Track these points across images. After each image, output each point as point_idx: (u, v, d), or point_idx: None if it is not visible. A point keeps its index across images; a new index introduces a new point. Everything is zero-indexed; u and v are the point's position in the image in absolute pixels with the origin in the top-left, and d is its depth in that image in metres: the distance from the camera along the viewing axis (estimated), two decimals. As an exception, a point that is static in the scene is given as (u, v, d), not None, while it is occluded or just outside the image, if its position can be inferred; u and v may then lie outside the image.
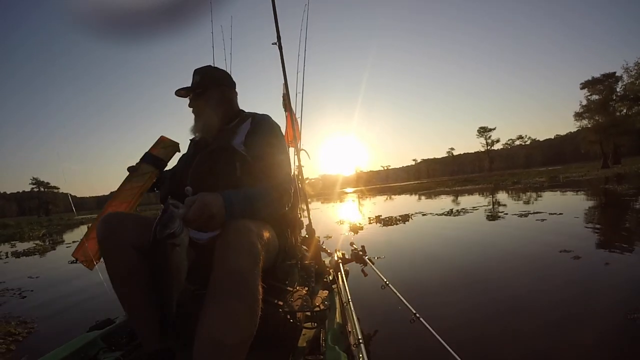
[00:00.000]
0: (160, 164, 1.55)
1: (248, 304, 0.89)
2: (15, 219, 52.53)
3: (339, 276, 2.11)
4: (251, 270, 0.90)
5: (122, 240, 1.09)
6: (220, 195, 1.00)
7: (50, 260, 6.86)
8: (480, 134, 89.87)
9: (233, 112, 1.44)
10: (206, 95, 1.37)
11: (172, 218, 0.88)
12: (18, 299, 3.64)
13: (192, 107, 1.38)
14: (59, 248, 8.69)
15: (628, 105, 35.87)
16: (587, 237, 4.10)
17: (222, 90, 1.42)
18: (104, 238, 1.10)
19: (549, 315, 2.00)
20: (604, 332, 1.76)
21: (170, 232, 0.86)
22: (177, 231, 0.88)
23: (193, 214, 0.92)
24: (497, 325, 1.95)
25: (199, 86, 1.37)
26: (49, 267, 5.92)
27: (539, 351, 1.64)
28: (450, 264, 3.45)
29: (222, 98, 1.41)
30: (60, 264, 5.87)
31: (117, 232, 1.09)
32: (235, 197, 1.04)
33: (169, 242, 0.87)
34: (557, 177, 21.03)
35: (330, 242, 5.19)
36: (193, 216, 0.92)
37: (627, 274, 2.60)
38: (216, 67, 1.48)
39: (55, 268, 5.68)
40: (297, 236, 1.52)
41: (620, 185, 11.07)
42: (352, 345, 1.23)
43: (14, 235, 14.10)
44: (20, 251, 8.25)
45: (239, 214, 1.01)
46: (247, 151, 1.27)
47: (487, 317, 2.09)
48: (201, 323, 0.87)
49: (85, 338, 1.37)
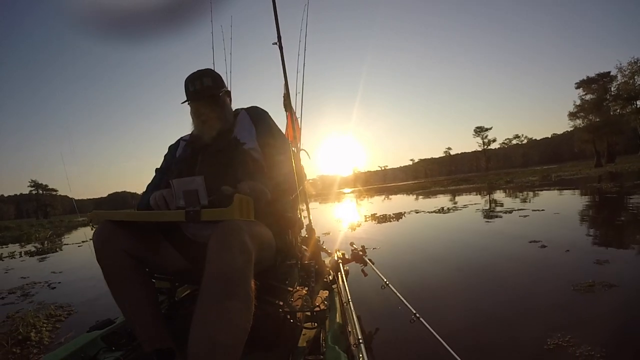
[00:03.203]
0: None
1: (241, 302, 0.90)
2: (14, 222, 52.57)
3: (339, 276, 2.13)
4: (243, 268, 0.91)
5: (116, 247, 1.11)
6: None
7: (67, 257, 7.21)
8: (476, 134, 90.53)
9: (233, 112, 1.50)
10: (220, 97, 1.39)
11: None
12: (49, 290, 4.04)
13: (204, 110, 1.36)
14: (71, 247, 9.05)
15: (622, 104, 36.45)
16: (559, 229, 4.54)
17: (228, 92, 1.46)
18: (98, 246, 1.12)
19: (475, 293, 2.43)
20: (554, 304, 2.19)
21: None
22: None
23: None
24: (474, 309, 2.37)
25: (218, 88, 1.38)
26: (68, 263, 6.25)
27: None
28: (433, 253, 3.90)
29: (229, 99, 1.47)
30: (80, 261, 6.19)
31: (110, 240, 1.11)
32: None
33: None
34: (549, 176, 21.48)
35: (328, 238, 5.61)
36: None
37: (580, 256, 3.04)
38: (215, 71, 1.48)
39: (76, 264, 6.01)
40: (297, 236, 1.52)
41: (606, 184, 11.52)
42: (352, 345, 1.23)
43: (20, 237, 14.43)
44: (33, 251, 8.61)
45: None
46: (254, 149, 1.33)
47: (463, 296, 2.51)
48: (195, 323, 0.88)
49: (85, 338, 1.37)
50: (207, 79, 1.36)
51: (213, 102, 1.36)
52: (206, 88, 1.35)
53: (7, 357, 2.18)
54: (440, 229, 5.88)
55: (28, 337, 2.43)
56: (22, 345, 2.34)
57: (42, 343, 2.37)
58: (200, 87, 1.34)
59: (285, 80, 2.39)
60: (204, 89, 1.35)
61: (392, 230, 6.27)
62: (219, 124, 1.36)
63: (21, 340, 2.40)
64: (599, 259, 2.89)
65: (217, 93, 1.37)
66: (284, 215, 1.35)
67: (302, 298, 1.37)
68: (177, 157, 1.44)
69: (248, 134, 1.37)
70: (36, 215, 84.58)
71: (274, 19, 2.43)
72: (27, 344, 2.36)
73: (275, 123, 1.48)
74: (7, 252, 8.88)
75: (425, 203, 11.97)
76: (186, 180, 1.06)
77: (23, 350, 2.27)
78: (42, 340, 2.40)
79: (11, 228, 24.84)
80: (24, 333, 2.47)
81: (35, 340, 2.39)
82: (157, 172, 1.48)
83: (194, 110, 1.38)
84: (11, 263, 6.86)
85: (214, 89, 1.37)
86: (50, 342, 2.38)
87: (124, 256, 1.12)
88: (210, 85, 1.36)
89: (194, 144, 1.40)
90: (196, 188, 1.04)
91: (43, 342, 2.38)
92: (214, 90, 1.36)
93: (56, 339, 2.42)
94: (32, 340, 2.39)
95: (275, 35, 2.42)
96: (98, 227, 1.14)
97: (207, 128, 1.36)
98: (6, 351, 2.26)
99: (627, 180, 12.70)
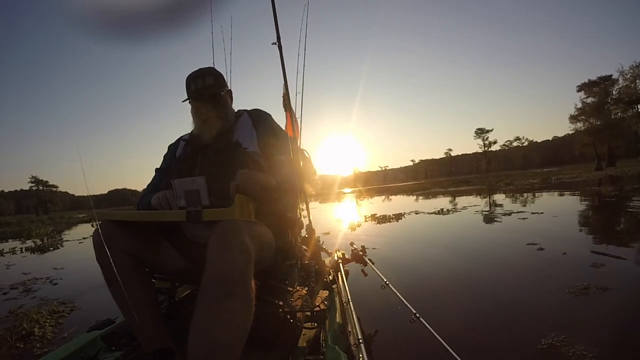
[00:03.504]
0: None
1: (241, 302, 0.89)
2: (14, 217, 52.66)
3: (339, 276, 2.13)
4: (243, 268, 0.91)
5: (115, 247, 1.11)
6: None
7: (68, 254, 7.24)
8: (477, 135, 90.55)
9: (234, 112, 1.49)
10: (222, 97, 1.37)
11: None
12: (50, 286, 4.08)
13: (205, 109, 1.34)
14: (72, 244, 9.08)
15: (623, 108, 36.47)
16: (557, 232, 4.57)
17: (230, 92, 1.46)
18: (98, 247, 1.11)
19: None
20: (548, 309, 2.23)
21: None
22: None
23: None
24: (469, 306, 2.42)
25: (220, 87, 1.37)
26: (70, 259, 6.30)
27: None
28: (431, 254, 3.94)
29: (231, 99, 1.47)
30: (81, 258, 6.20)
31: (109, 240, 1.11)
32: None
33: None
34: (549, 178, 21.52)
35: (328, 238, 5.65)
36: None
37: (577, 259, 3.08)
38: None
39: (78, 260, 6.03)
40: (297, 236, 1.52)
41: (605, 187, 11.54)
42: (352, 345, 1.23)
43: (21, 233, 14.46)
44: (34, 247, 8.66)
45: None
46: (255, 152, 1.33)
47: (455, 293, 2.55)
48: (194, 322, 0.87)
49: (85, 338, 1.37)
50: (209, 78, 1.34)
51: (214, 102, 1.35)
52: (208, 87, 1.33)
53: (11, 352, 2.22)
54: (438, 231, 5.91)
55: (32, 333, 2.47)
56: (26, 341, 2.37)
57: (46, 338, 2.40)
58: (202, 86, 1.33)
59: (284, 80, 2.40)
60: (206, 87, 1.33)
61: (391, 231, 6.31)
62: (220, 124, 1.35)
63: (25, 336, 2.44)
64: (595, 263, 2.93)
65: (218, 92, 1.35)
66: (284, 215, 1.35)
67: (302, 298, 1.37)
68: (177, 157, 1.43)
69: (249, 137, 1.36)
70: (36, 211, 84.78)
71: (273, 20, 2.40)
72: (30, 339, 2.40)
73: (277, 124, 1.48)
74: (8, 247, 8.92)
75: (425, 204, 12.01)
76: (187, 180, 1.06)
77: (27, 345, 2.31)
78: (46, 335, 2.44)
79: (11, 224, 24.90)
80: (28, 328, 2.51)
81: (38, 336, 2.43)
82: (157, 172, 1.47)
83: (195, 109, 1.37)
84: (12, 259, 6.90)
85: (216, 87, 1.35)
86: (53, 337, 2.42)
87: (123, 256, 1.13)
88: (212, 84, 1.34)
89: (193, 144, 1.40)
90: (197, 188, 1.04)
91: (46, 337, 2.42)
92: (216, 89, 1.35)
93: (59, 334, 2.46)
94: (35, 336, 2.43)
95: (275, 35, 2.40)
96: (98, 227, 1.14)
97: (208, 127, 1.35)
98: (10, 346, 2.29)
99: (626, 184, 12.73)
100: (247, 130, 1.39)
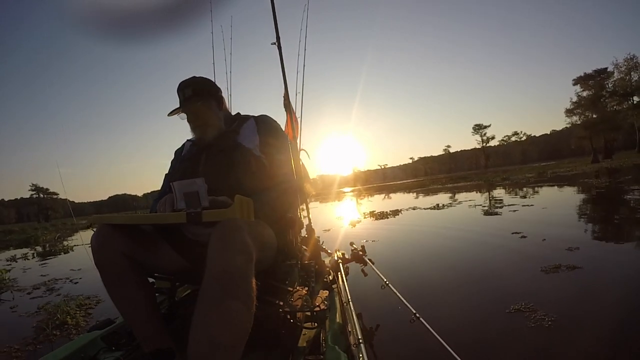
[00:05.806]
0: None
1: (241, 302, 0.89)
2: (16, 225, 52.89)
3: (339, 276, 2.14)
4: (244, 268, 0.91)
5: (113, 250, 1.12)
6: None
7: (80, 257, 7.44)
8: (475, 131, 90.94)
9: (230, 115, 1.53)
10: (206, 101, 1.40)
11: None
12: (71, 285, 4.37)
13: (191, 118, 1.40)
14: (81, 248, 9.28)
15: (618, 101, 36.84)
16: (542, 222, 4.87)
17: (218, 97, 1.47)
18: (96, 250, 1.13)
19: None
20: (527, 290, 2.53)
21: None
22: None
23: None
24: (460, 297, 2.73)
25: (199, 97, 1.39)
26: (84, 261, 6.43)
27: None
28: (422, 243, 4.26)
29: (220, 101, 1.48)
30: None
31: (107, 243, 1.12)
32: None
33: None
34: (545, 172, 21.82)
35: (328, 235, 5.92)
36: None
37: (554, 244, 3.38)
38: (201, 77, 1.47)
39: (92, 262, 6.27)
40: (297, 236, 1.52)
41: (597, 180, 11.84)
42: (352, 345, 1.24)
43: (28, 240, 14.73)
44: (44, 252, 8.95)
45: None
46: (255, 149, 1.37)
47: (447, 284, 2.86)
48: (195, 322, 0.88)
49: (85, 338, 1.38)
50: (188, 90, 1.38)
51: (195, 111, 1.40)
52: (187, 99, 1.38)
53: (49, 339, 2.52)
54: (431, 224, 6.21)
55: (65, 322, 2.77)
56: (61, 329, 2.67)
57: (79, 325, 2.71)
58: (183, 99, 1.39)
59: (284, 80, 2.41)
60: (186, 99, 1.39)
61: (389, 225, 6.62)
62: (211, 130, 1.41)
63: (59, 325, 2.74)
64: (570, 247, 3.23)
65: (197, 102, 1.39)
66: (284, 215, 1.37)
67: (302, 298, 1.37)
68: (182, 156, 1.49)
69: (252, 140, 1.40)
70: (37, 218, 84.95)
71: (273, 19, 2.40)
72: (64, 327, 2.70)
73: (278, 125, 1.52)
74: (20, 253, 9.19)
75: (422, 200, 12.32)
76: (186, 182, 1.07)
77: (62, 332, 2.61)
78: (79, 324, 2.74)
79: (15, 231, 25.19)
80: (61, 319, 2.81)
81: (72, 324, 2.73)
82: (166, 177, 1.52)
83: (186, 118, 1.44)
84: (27, 264, 7.17)
85: (194, 99, 1.38)
86: (85, 324, 2.72)
87: (122, 259, 1.13)
88: (191, 96, 1.38)
89: (198, 144, 1.45)
90: (197, 190, 1.04)
91: (79, 325, 2.73)
92: (194, 101, 1.39)
93: (91, 322, 2.76)
94: (69, 324, 2.73)
95: (274, 35, 2.38)
96: (95, 231, 1.16)
97: (199, 133, 1.42)
98: (47, 334, 2.59)
99: (620, 175, 12.99)
100: (250, 135, 1.43)
